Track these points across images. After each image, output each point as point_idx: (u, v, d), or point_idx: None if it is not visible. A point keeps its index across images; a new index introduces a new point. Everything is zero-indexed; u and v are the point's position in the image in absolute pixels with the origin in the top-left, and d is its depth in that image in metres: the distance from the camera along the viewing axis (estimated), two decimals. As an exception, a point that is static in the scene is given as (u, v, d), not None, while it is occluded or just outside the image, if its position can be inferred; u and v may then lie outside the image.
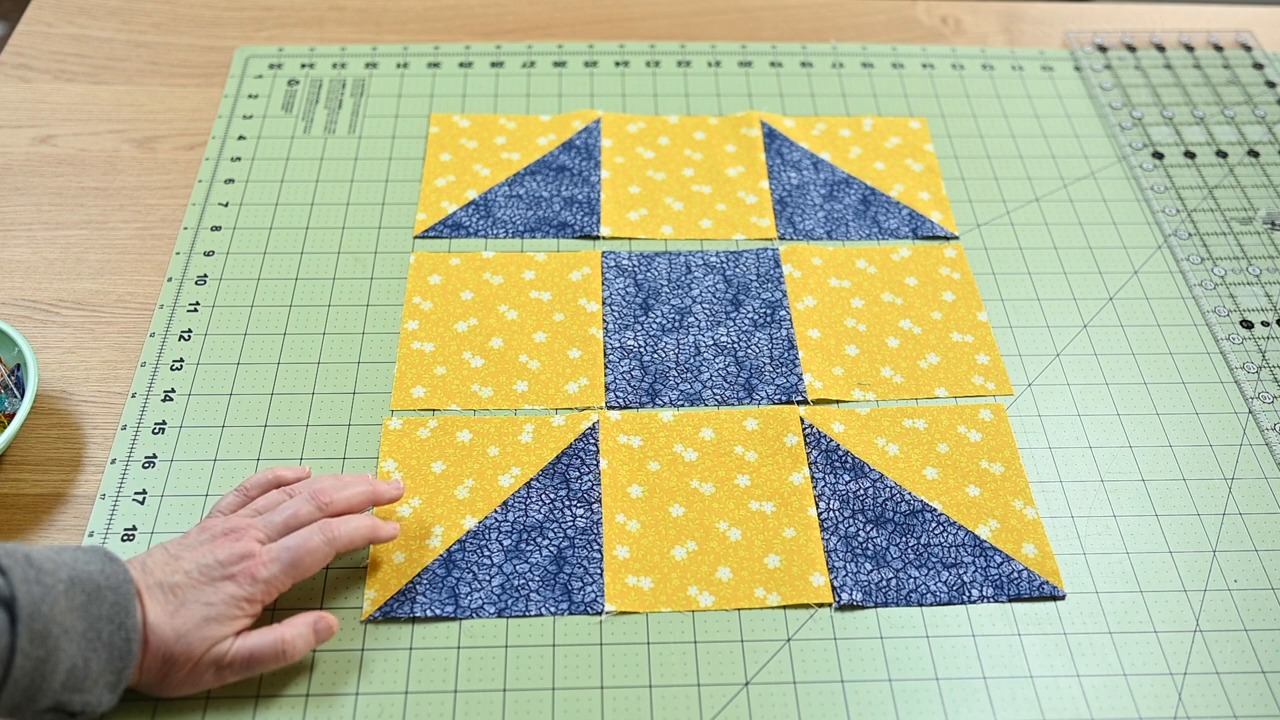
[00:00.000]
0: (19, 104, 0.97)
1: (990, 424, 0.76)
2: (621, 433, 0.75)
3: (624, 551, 0.69)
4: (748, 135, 0.96)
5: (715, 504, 0.72)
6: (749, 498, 0.72)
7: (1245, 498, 0.74)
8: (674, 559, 0.69)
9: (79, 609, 0.55)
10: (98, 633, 0.55)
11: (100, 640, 0.55)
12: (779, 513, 0.71)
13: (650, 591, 0.68)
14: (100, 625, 0.55)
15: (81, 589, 0.55)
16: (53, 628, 0.53)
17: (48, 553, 0.56)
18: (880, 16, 1.10)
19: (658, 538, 0.70)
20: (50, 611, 0.53)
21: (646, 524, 0.71)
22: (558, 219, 0.89)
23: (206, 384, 0.78)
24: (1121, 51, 1.06)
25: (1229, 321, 0.84)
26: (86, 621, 0.55)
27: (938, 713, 0.64)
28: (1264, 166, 0.96)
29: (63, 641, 0.54)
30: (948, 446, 0.75)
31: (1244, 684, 0.65)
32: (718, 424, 0.75)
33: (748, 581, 0.68)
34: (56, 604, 0.54)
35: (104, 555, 0.58)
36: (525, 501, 0.71)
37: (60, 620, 0.54)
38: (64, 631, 0.54)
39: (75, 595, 0.55)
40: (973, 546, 0.70)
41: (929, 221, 0.90)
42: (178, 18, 1.06)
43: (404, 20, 1.07)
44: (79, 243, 0.87)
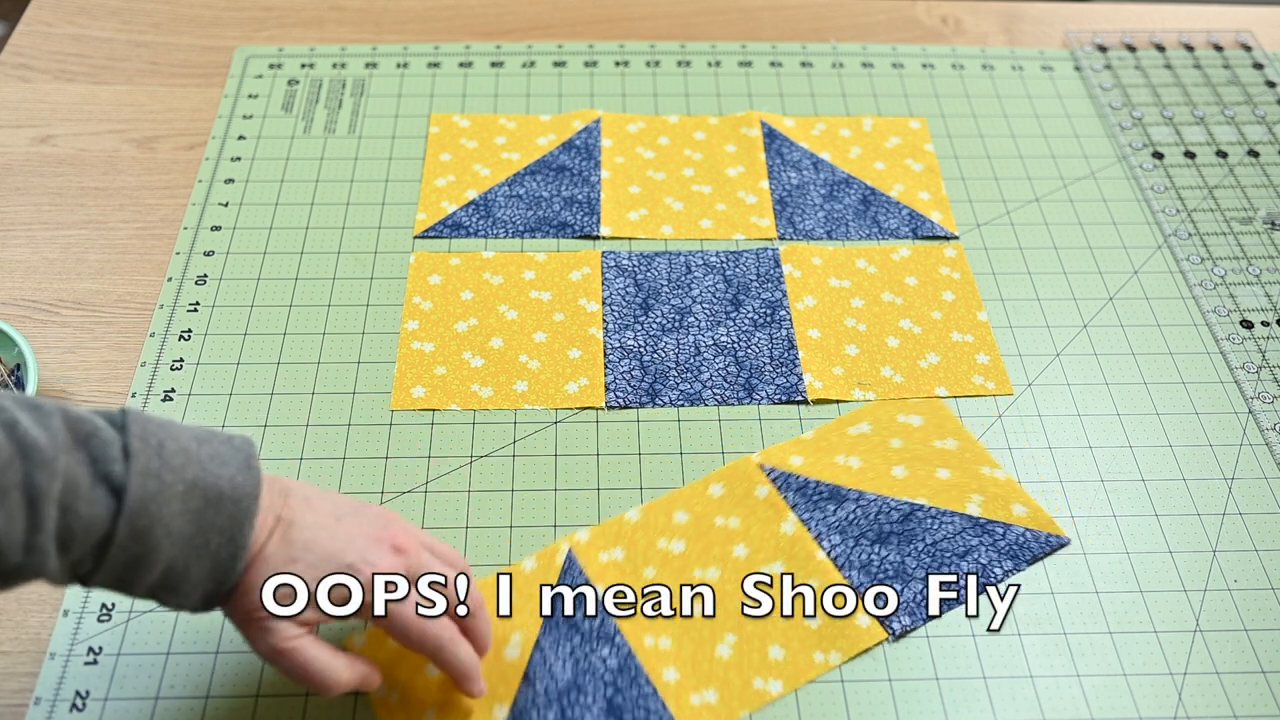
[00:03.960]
0: (19, 104, 0.97)
1: (927, 405, 0.76)
2: (599, 550, 0.69)
3: (672, 674, 0.64)
4: (748, 135, 0.96)
5: (728, 585, 0.68)
6: (754, 565, 0.69)
7: (1245, 498, 0.74)
8: (722, 659, 0.65)
9: (192, 513, 0.52)
10: (205, 541, 0.52)
11: (207, 549, 0.52)
12: (791, 567, 0.69)
13: (719, 705, 0.63)
14: (210, 534, 0.52)
15: (201, 494, 0.52)
16: (156, 528, 0.51)
17: (185, 441, 0.53)
18: (880, 16, 1.10)
19: (695, 644, 0.65)
20: (158, 511, 0.51)
21: (676, 634, 0.66)
22: (558, 219, 0.89)
23: (206, 384, 0.78)
24: (1121, 51, 1.06)
25: (1229, 321, 0.84)
26: (196, 527, 0.52)
27: (938, 713, 0.64)
28: (1264, 166, 0.96)
29: (164, 543, 0.51)
30: (900, 440, 0.75)
31: (1244, 684, 0.65)
32: (686, 504, 0.72)
33: (801, 651, 0.65)
34: (168, 505, 0.51)
35: (243, 460, 0.54)
36: (546, 666, 0.64)
37: (167, 522, 0.51)
38: (168, 533, 0.51)
39: (192, 499, 0.52)
40: (972, 527, 0.70)
41: (929, 221, 0.90)
42: (178, 18, 1.06)
43: (404, 20, 1.07)
44: (79, 243, 0.87)
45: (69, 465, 0.49)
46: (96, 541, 0.50)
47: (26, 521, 0.48)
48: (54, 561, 0.49)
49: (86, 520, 0.49)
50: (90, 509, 0.49)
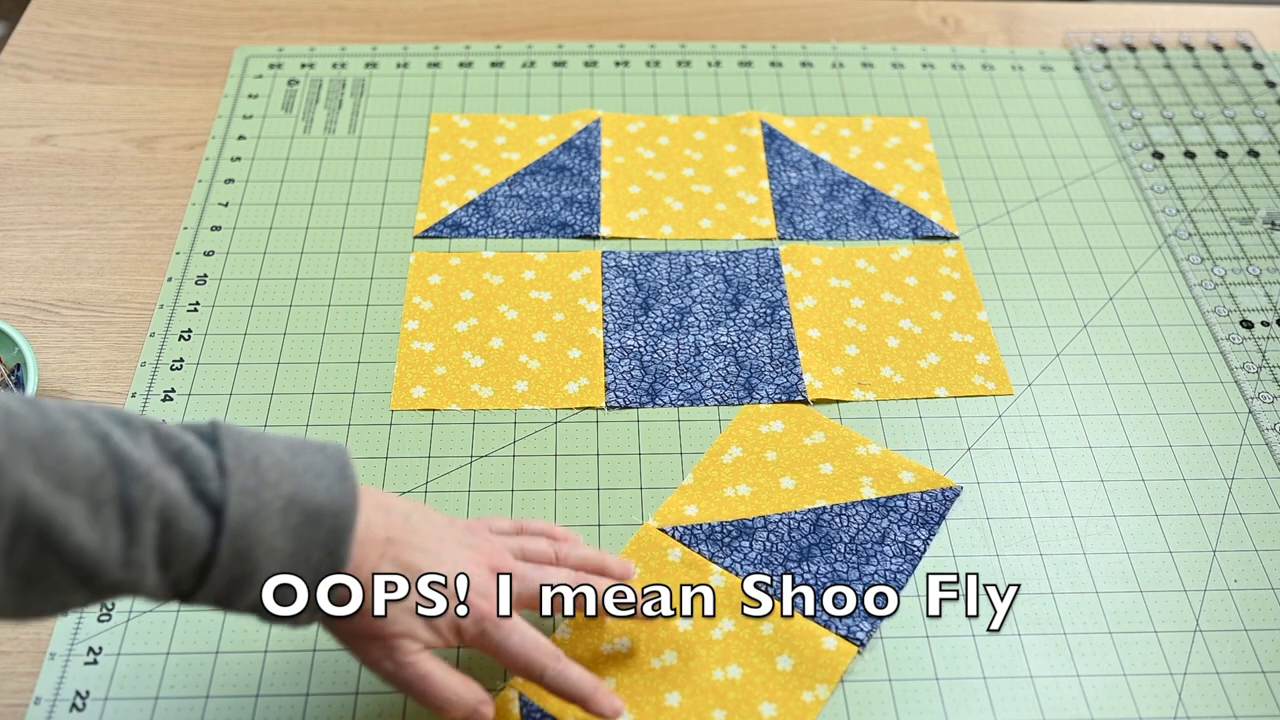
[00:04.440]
0: (19, 104, 0.97)
1: (783, 408, 0.77)
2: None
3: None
4: (748, 135, 0.96)
5: (690, 663, 0.65)
6: (705, 629, 0.66)
7: (1245, 498, 0.74)
8: (671, 709, 0.63)
9: (292, 530, 0.51)
10: (306, 556, 0.51)
11: (308, 564, 0.51)
12: (736, 616, 0.66)
13: None
14: (311, 550, 0.51)
15: (300, 509, 0.51)
16: (257, 548, 0.50)
17: (281, 453, 0.52)
18: (880, 16, 1.10)
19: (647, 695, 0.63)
20: (258, 530, 0.50)
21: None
22: (558, 219, 0.89)
23: (206, 384, 0.77)
24: (1121, 51, 1.06)
25: (1229, 321, 0.84)
26: (297, 543, 0.51)
27: (938, 713, 0.64)
28: (1264, 166, 0.96)
29: (266, 561, 0.50)
30: (773, 452, 0.74)
31: (1244, 684, 0.65)
32: (630, 632, 0.66)
33: (791, 698, 0.63)
34: (268, 523, 0.50)
35: (338, 470, 0.53)
36: None
37: (268, 540, 0.50)
38: (269, 552, 0.50)
39: (291, 515, 0.51)
40: (877, 510, 0.71)
41: (929, 221, 0.90)
42: (178, 18, 1.06)
43: (404, 20, 1.07)
44: (79, 243, 0.87)
45: (164, 480, 0.48)
46: (198, 561, 0.49)
47: (123, 535, 0.47)
48: (153, 577, 0.48)
49: (188, 537, 0.48)
50: (191, 526, 0.48)
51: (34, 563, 0.46)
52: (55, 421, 0.47)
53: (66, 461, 0.46)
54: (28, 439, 0.46)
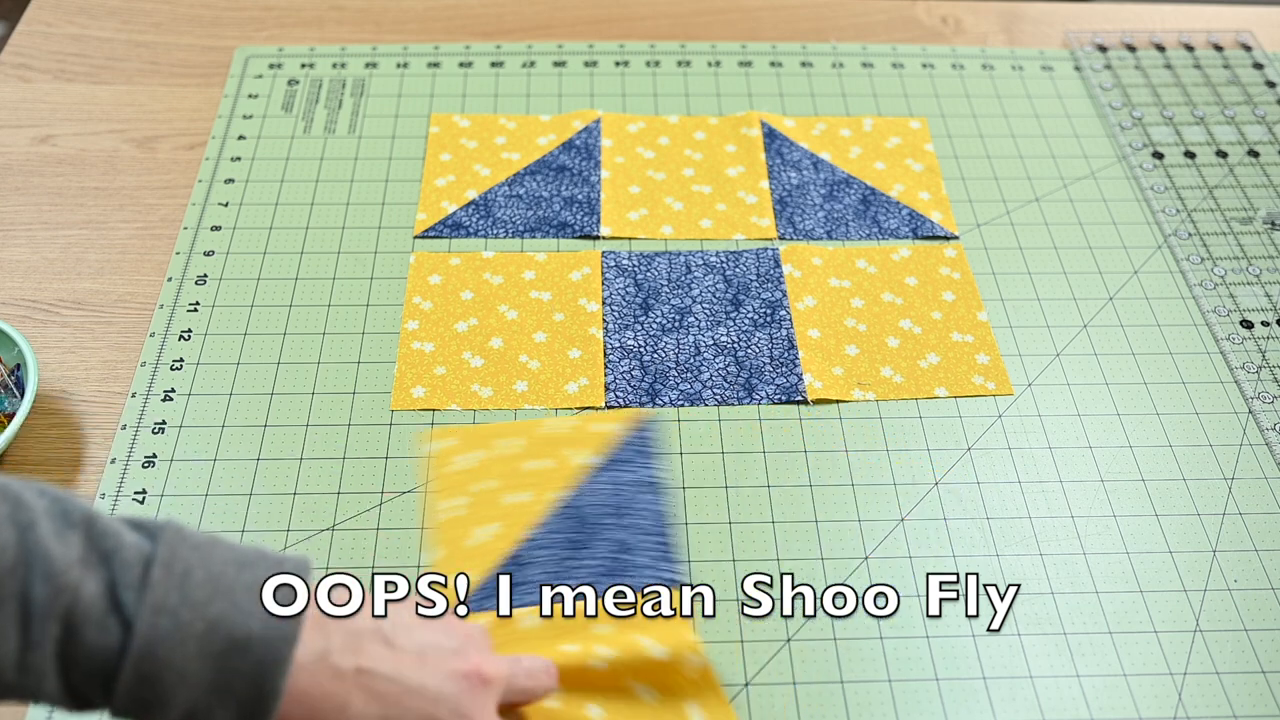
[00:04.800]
0: (19, 104, 0.97)
1: (461, 432, 0.74)
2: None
3: None
4: (748, 135, 0.96)
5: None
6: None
7: (1245, 498, 0.74)
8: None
9: (213, 656, 0.46)
10: (228, 685, 0.47)
11: (231, 693, 0.47)
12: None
13: None
14: (233, 679, 0.47)
15: (226, 635, 0.46)
16: (167, 674, 0.46)
17: (222, 566, 0.48)
18: (880, 16, 1.10)
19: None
20: (168, 656, 0.45)
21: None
22: (558, 219, 0.89)
23: (206, 384, 0.78)
24: (1121, 51, 1.06)
25: (1229, 321, 0.84)
26: (216, 672, 0.46)
27: (938, 713, 0.64)
28: (1264, 166, 0.96)
29: (178, 689, 0.46)
30: (490, 482, 0.72)
31: (1244, 684, 0.65)
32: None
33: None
34: (182, 647, 0.46)
35: (287, 594, 0.48)
36: None
37: (180, 667, 0.46)
38: (181, 679, 0.46)
39: (213, 641, 0.46)
40: (603, 469, 0.72)
41: (929, 221, 0.90)
42: (178, 18, 1.06)
43: (404, 20, 1.07)
44: (79, 243, 0.87)
45: (80, 582, 0.45)
46: (103, 678, 0.46)
47: (20, 638, 0.44)
48: (53, 683, 0.45)
49: (90, 648, 0.45)
50: (97, 637, 0.45)
51: None
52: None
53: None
54: None
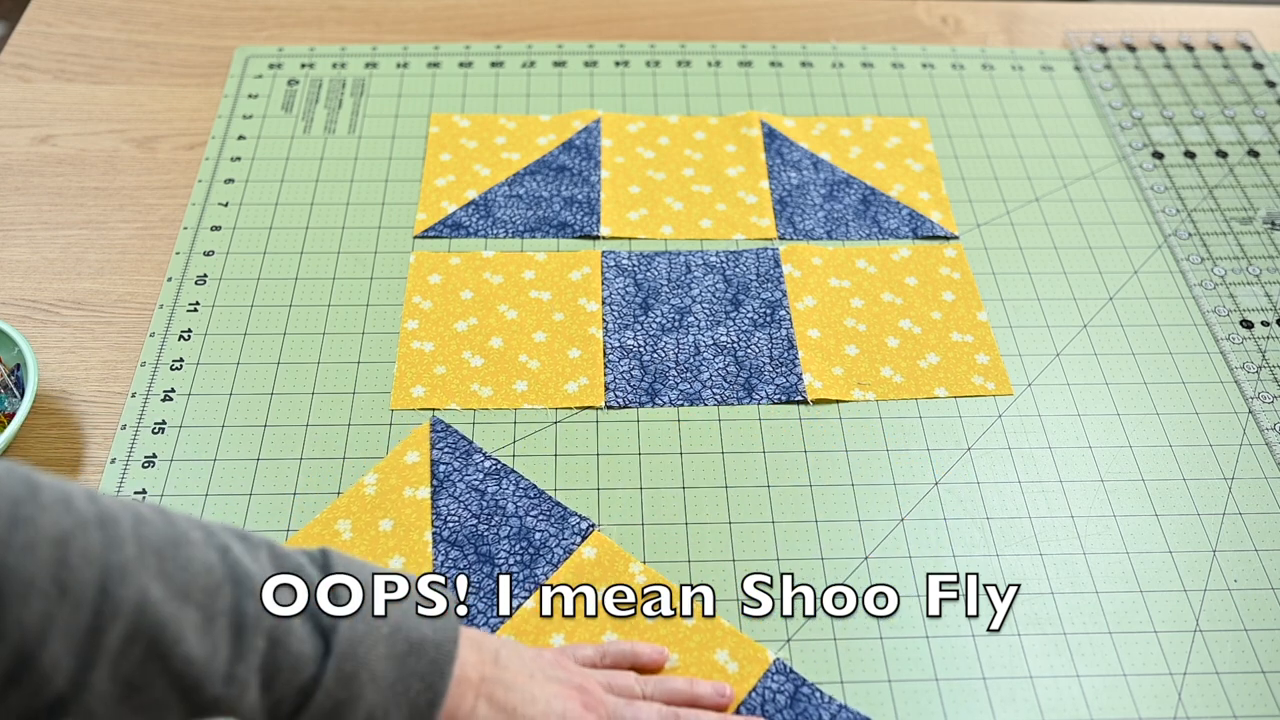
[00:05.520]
0: (19, 104, 0.97)
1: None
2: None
3: None
4: (748, 135, 0.96)
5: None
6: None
7: (1245, 498, 0.74)
8: None
9: (396, 658, 0.51)
10: (406, 687, 0.51)
11: (406, 696, 0.51)
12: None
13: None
14: (410, 680, 0.51)
15: (405, 637, 0.52)
16: (362, 672, 0.50)
17: (389, 591, 0.53)
18: (880, 16, 1.10)
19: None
20: (365, 655, 0.50)
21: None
22: (558, 219, 0.89)
23: (206, 384, 0.78)
24: (1121, 51, 1.06)
25: (1229, 321, 0.84)
26: (398, 673, 0.51)
27: (937, 713, 0.64)
28: (1264, 166, 0.96)
29: (368, 689, 0.50)
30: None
31: (1244, 684, 0.65)
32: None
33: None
34: (375, 649, 0.50)
35: (286, 594, 0.52)
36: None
37: (372, 666, 0.50)
38: (372, 678, 0.50)
39: (397, 643, 0.51)
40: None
41: (929, 221, 0.90)
42: (178, 18, 1.06)
43: (404, 20, 1.07)
44: (79, 243, 0.87)
45: (279, 599, 0.48)
46: (303, 683, 0.49)
47: (231, 649, 0.47)
48: (253, 696, 0.47)
49: (295, 657, 0.48)
50: (300, 646, 0.48)
51: (140, 670, 0.45)
52: (181, 530, 0.48)
53: (187, 570, 0.46)
54: (154, 545, 0.46)
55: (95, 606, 0.43)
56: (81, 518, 0.44)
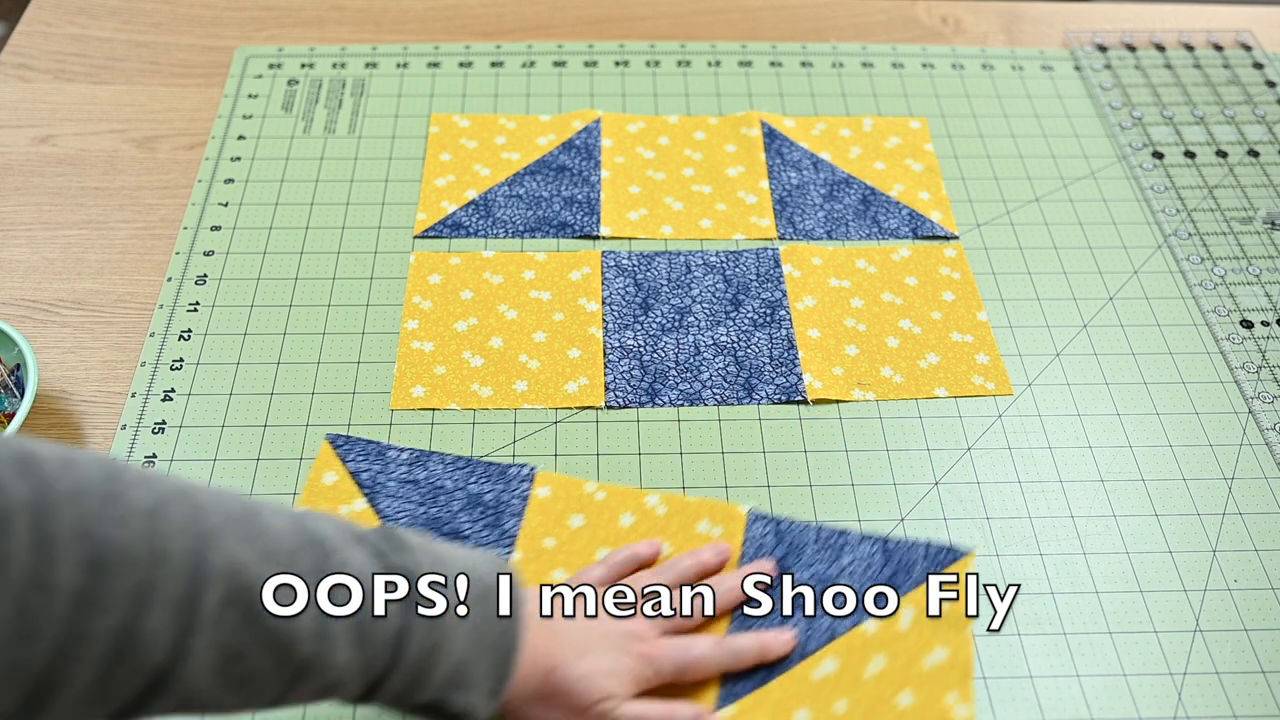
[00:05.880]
0: (19, 104, 0.97)
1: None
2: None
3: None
4: (748, 135, 0.96)
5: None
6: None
7: (1245, 498, 0.74)
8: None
9: (474, 601, 0.53)
10: (486, 631, 0.53)
11: (486, 641, 0.53)
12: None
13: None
14: (489, 624, 0.53)
15: (477, 582, 0.54)
16: (447, 616, 0.52)
17: (446, 545, 0.55)
18: (880, 16, 1.10)
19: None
20: (448, 599, 0.52)
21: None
22: (558, 219, 0.89)
23: (206, 384, 0.78)
24: (1121, 51, 1.06)
25: (1229, 321, 0.84)
26: (479, 616, 0.53)
27: (938, 713, 0.64)
28: (1264, 166, 0.96)
29: (454, 633, 0.52)
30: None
31: (1244, 684, 0.65)
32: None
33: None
34: (453, 593, 0.52)
35: (500, 559, 0.57)
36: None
37: (454, 608, 0.52)
38: (455, 623, 0.52)
39: (473, 587, 0.53)
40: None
41: (929, 221, 0.90)
42: (178, 18, 1.06)
43: (404, 20, 1.07)
44: (79, 243, 0.87)
45: (355, 557, 0.50)
46: (393, 635, 0.50)
47: (317, 606, 0.48)
48: (345, 653, 0.48)
49: (380, 609, 0.49)
50: (384, 598, 0.50)
51: (236, 635, 0.45)
52: (250, 502, 0.49)
53: (267, 536, 0.48)
54: (233, 514, 0.47)
55: (191, 574, 0.44)
56: (164, 492, 0.45)
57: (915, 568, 0.68)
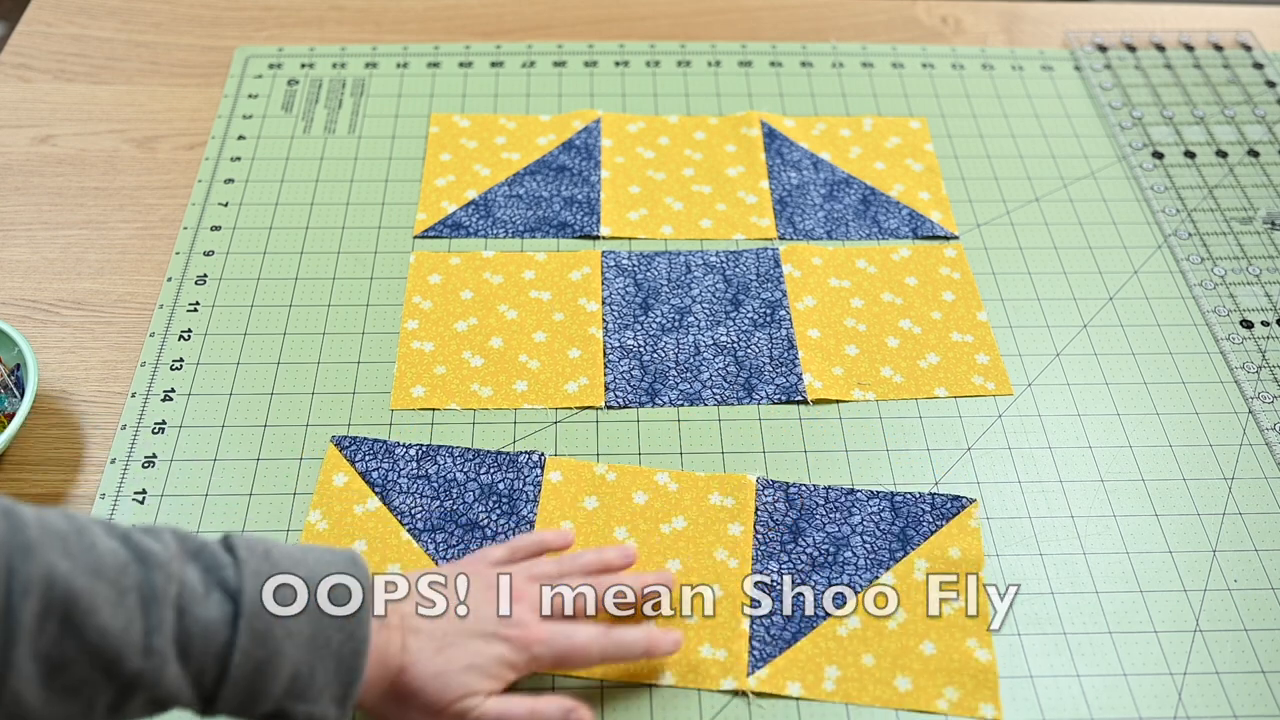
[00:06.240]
0: (19, 104, 0.97)
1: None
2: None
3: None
4: (748, 135, 0.96)
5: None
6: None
7: (1245, 498, 0.74)
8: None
9: (309, 612, 0.52)
10: (326, 640, 0.53)
11: (328, 649, 0.53)
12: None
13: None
14: (330, 632, 0.53)
15: (318, 589, 0.53)
16: (276, 629, 0.51)
17: (290, 550, 0.54)
18: (880, 16, 1.10)
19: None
20: (281, 608, 0.51)
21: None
22: (558, 219, 0.89)
23: (206, 384, 0.78)
24: (1121, 51, 1.06)
25: (1229, 321, 0.84)
26: (315, 627, 0.52)
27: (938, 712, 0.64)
28: (1264, 166, 0.96)
29: (286, 645, 0.51)
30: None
31: (1244, 684, 0.65)
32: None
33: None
34: (288, 601, 0.52)
35: (349, 559, 0.55)
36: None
37: (286, 622, 0.51)
38: (288, 634, 0.51)
39: (312, 594, 0.53)
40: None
41: (929, 221, 0.90)
42: (178, 18, 1.06)
43: (404, 20, 1.07)
44: (79, 243, 0.87)
45: (183, 572, 0.50)
46: (218, 649, 0.50)
47: (144, 621, 0.48)
48: (174, 668, 0.49)
49: (204, 625, 0.50)
50: (207, 613, 0.50)
51: (59, 646, 0.46)
52: (82, 522, 0.50)
53: (93, 551, 0.48)
54: (57, 531, 0.48)
55: (4, 585, 0.45)
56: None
57: (923, 519, 0.71)
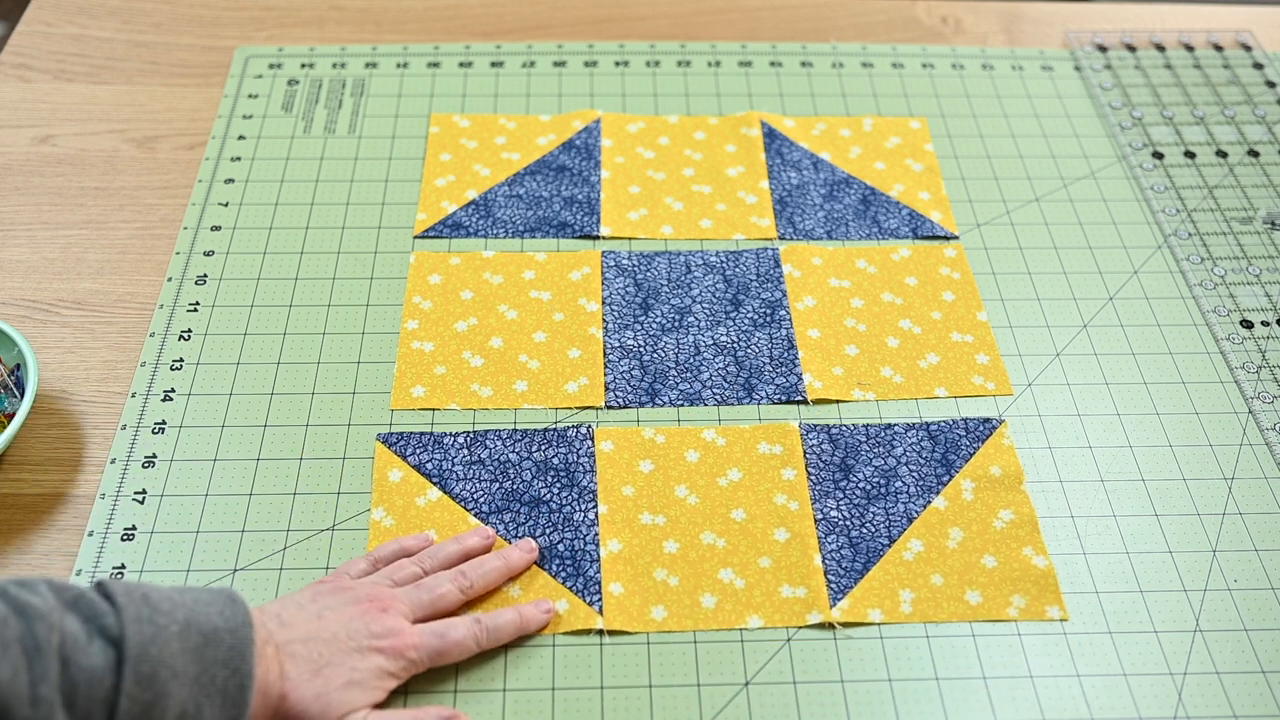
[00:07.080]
0: (19, 104, 0.97)
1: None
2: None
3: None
4: (748, 135, 0.96)
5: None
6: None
7: (1245, 498, 0.74)
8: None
9: (192, 652, 0.53)
10: (211, 678, 0.53)
11: (214, 686, 0.53)
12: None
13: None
14: (214, 670, 0.53)
15: (197, 630, 0.54)
16: (161, 670, 0.51)
17: (168, 592, 0.55)
18: (880, 16, 1.10)
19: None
20: (160, 654, 0.52)
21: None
22: (558, 219, 0.89)
23: (206, 384, 0.78)
24: (1121, 51, 1.06)
25: (1229, 321, 0.84)
26: (200, 665, 0.53)
27: (938, 713, 0.64)
28: (1264, 166, 0.96)
29: (172, 685, 0.52)
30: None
31: (1244, 684, 0.65)
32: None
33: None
34: (168, 646, 0.52)
35: (226, 597, 0.56)
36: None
37: (170, 663, 0.52)
38: (173, 675, 0.52)
39: (190, 637, 0.53)
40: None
41: (929, 221, 0.90)
42: (178, 18, 1.06)
43: (404, 20, 1.07)
44: (79, 243, 0.87)
45: (63, 622, 0.51)
46: (104, 695, 0.50)
47: (29, 673, 0.49)
48: (61, 716, 0.49)
49: (89, 673, 0.50)
50: (90, 661, 0.50)
51: None
52: None
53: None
54: None
55: None
56: None
57: (961, 444, 0.74)
